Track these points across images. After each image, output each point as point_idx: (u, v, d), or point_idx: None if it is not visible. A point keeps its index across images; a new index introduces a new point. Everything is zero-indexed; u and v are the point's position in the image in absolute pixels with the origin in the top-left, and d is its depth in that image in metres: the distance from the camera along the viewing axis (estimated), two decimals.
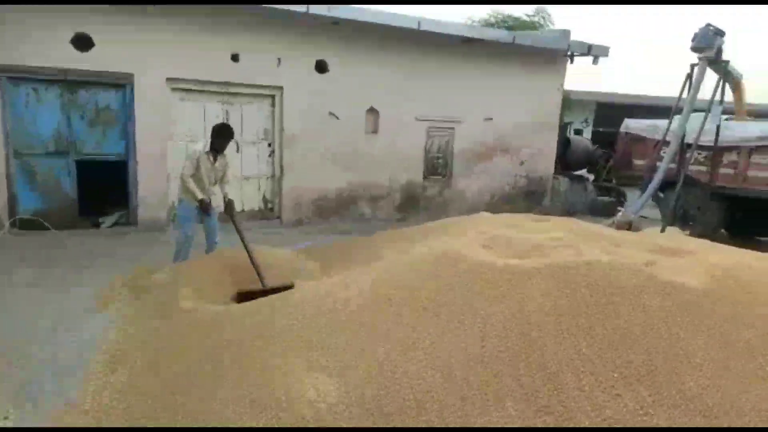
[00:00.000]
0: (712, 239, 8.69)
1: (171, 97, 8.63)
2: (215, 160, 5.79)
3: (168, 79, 8.49)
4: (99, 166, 8.30)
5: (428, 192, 10.86)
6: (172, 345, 3.78)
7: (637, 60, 44.16)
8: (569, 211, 12.55)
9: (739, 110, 9.67)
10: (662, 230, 8.65)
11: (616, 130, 15.36)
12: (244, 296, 4.69)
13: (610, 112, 16.79)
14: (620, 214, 9.32)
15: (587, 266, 3.24)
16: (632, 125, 10.90)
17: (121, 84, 8.25)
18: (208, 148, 5.74)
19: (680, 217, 9.72)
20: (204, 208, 5.68)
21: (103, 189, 8.74)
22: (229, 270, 5.44)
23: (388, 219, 10.44)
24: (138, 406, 3.22)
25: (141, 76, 8.23)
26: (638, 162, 10.78)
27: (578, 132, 14.41)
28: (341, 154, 9.86)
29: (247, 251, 5.15)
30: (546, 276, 3.21)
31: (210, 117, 8.96)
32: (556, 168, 12.55)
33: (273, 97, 9.35)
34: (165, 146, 8.63)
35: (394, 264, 3.98)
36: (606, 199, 13.13)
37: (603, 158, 14.08)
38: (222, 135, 5.73)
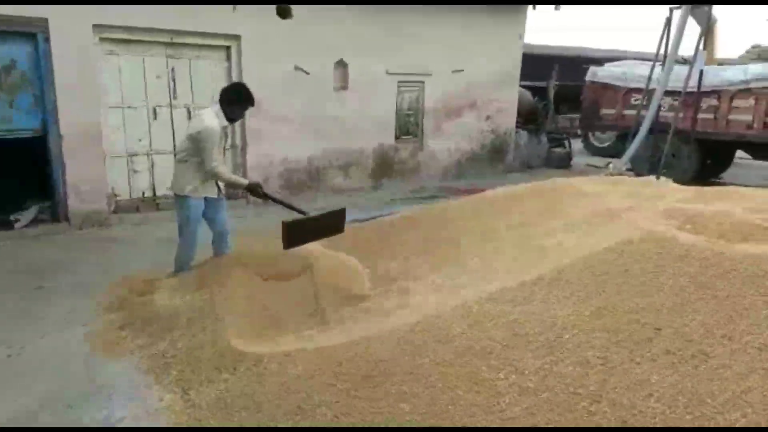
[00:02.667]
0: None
1: (99, 49, 6.64)
2: (225, 129, 4.33)
3: (95, 27, 6.48)
4: (7, 146, 6.18)
5: (401, 155, 9.80)
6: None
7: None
8: (528, 166, 12.23)
9: (711, 56, 9.69)
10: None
11: (565, 82, 15.30)
12: (292, 230, 3.87)
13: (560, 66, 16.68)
14: (611, 165, 9.05)
15: None
16: (600, 74, 10.63)
17: (32, 33, 6.13)
18: (224, 121, 4.23)
19: (653, 165, 9.67)
20: (259, 193, 4.28)
21: (13, 176, 6.62)
22: (262, 267, 4.12)
23: (360, 188, 9.27)
24: None
25: (58, 22, 6.17)
26: (607, 111, 10.60)
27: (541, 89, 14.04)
28: (310, 117, 8.43)
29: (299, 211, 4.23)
30: None
31: (151, 75, 7.11)
32: None
33: (228, 48, 7.62)
34: (97, 115, 6.67)
35: (572, 268, 2.97)
36: (560, 150, 12.97)
37: (545, 110, 13.89)
38: (245, 99, 4.23)
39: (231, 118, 4.26)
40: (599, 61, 12.38)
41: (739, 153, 10.55)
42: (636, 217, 3.43)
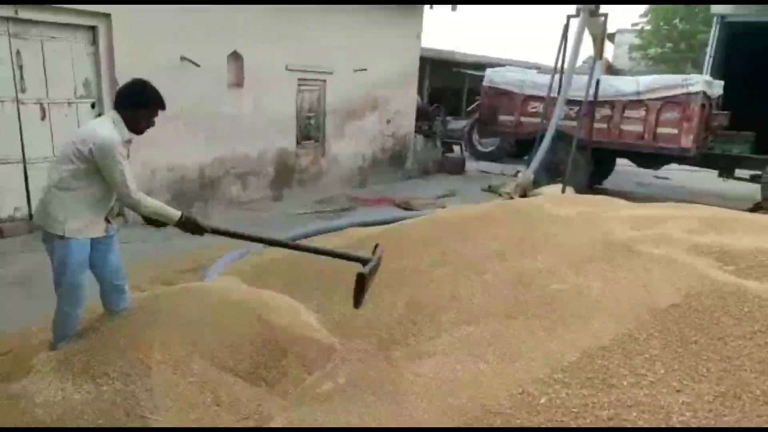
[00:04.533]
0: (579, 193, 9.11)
1: None
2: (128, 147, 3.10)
3: None
4: None
5: (302, 161, 8.80)
6: None
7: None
8: (424, 171, 11.90)
9: (600, 59, 10.01)
10: (563, 191, 8.56)
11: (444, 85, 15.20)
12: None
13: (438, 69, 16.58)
14: (521, 174, 8.95)
15: None
16: (497, 79, 10.56)
17: None
18: (125, 133, 2.98)
19: (551, 174, 9.81)
20: (198, 228, 3.06)
21: None
22: (192, 325, 3.05)
23: (260, 199, 8.14)
24: None
25: None
26: (505, 117, 10.57)
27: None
28: (200, 118, 7.11)
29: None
30: None
31: None
32: None
33: (94, 29, 6.05)
34: None
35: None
36: (454, 155, 12.84)
37: (434, 113, 13.72)
38: (150, 102, 3.02)
39: (135, 128, 3.05)
40: (468, 66, 12.35)
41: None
42: (667, 254, 2.98)
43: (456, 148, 13.64)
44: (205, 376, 2.78)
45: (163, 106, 3.10)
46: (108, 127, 2.94)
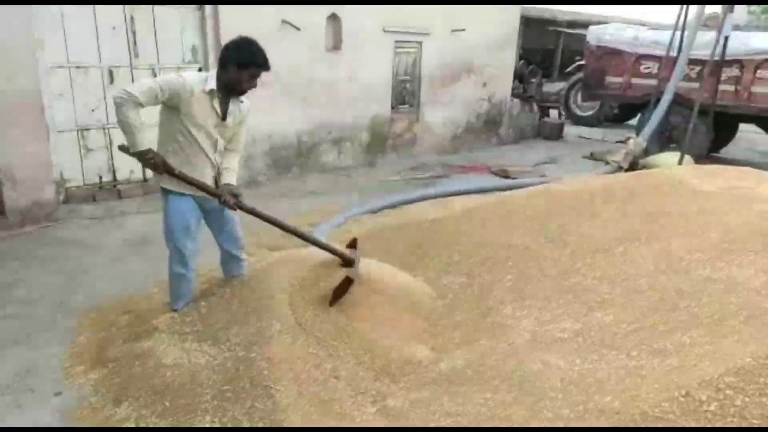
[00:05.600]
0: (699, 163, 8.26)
1: None
2: (225, 107, 2.98)
3: None
4: None
5: (396, 127, 8.63)
6: None
7: None
8: (521, 137, 11.34)
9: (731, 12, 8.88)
10: (680, 162, 7.81)
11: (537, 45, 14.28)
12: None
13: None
14: (632, 141, 8.25)
15: None
16: (606, 37, 9.73)
17: None
18: (214, 84, 2.88)
19: (664, 141, 8.98)
20: (150, 163, 2.86)
21: None
22: (311, 291, 2.98)
23: (354, 166, 8.09)
24: None
25: None
26: (613, 79, 9.78)
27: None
28: (297, 84, 7.08)
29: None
30: None
31: (104, 27, 5.55)
32: None
33: None
34: (34, 79, 5.11)
35: None
36: (553, 120, 12.15)
37: (530, 76, 12.97)
38: (246, 60, 2.85)
39: (227, 85, 2.87)
40: (563, 24, 11.31)
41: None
42: None
43: (553, 112, 12.91)
44: (323, 348, 2.73)
45: (263, 66, 2.91)
46: (193, 74, 2.97)
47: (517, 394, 2.29)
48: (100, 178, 5.88)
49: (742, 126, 10.10)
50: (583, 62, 12.41)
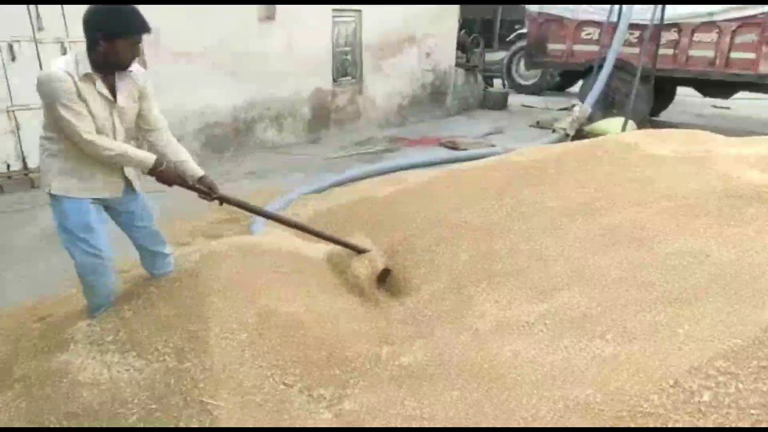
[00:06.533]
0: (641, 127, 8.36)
1: None
2: (112, 87, 2.45)
3: None
4: None
5: (339, 100, 8.23)
6: None
7: None
8: (465, 108, 11.17)
9: None
10: (624, 127, 7.83)
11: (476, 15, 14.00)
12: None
13: None
14: (577, 108, 8.21)
15: None
16: (547, 5, 9.60)
17: None
18: (88, 67, 2.32)
19: (607, 107, 9.01)
20: (165, 178, 2.56)
21: None
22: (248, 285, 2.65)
23: (297, 143, 7.67)
24: None
25: None
26: (555, 46, 9.69)
27: None
28: (230, 57, 6.55)
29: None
30: None
31: None
32: None
33: None
34: None
35: None
36: (496, 90, 12.02)
37: (474, 43, 12.77)
38: (123, 31, 2.30)
39: (104, 63, 2.33)
40: None
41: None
42: None
43: (496, 82, 12.80)
44: (270, 350, 2.42)
45: (144, 29, 2.35)
46: (61, 62, 2.30)
47: (488, 391, 2.07)
48: (8, 166, 5.23)
49: (679, 90, 10.31)
50: (524, 31, 12.34)
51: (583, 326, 2.26)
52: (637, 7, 8.09)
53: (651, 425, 1.61)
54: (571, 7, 9.34)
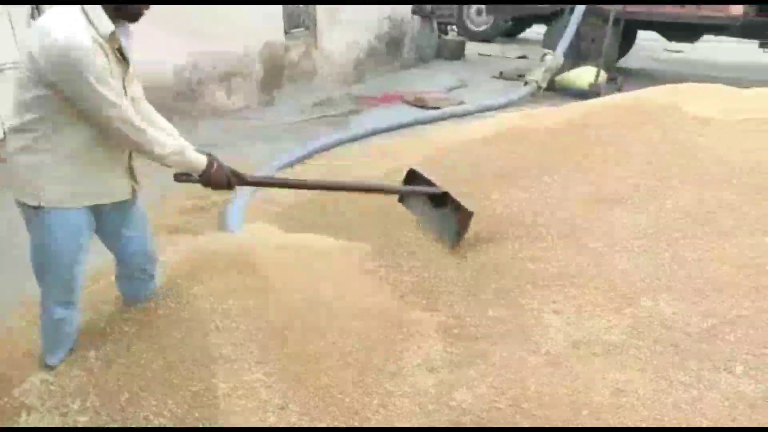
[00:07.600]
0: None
1: None
2: (120, 50, 1.83)
3: None
4: None
5: (292, 54, 7.36)
6: None
7: None
8: (422, 59, 10.49)
9: None
10: (596, 77, 7.46)
11: None
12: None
13: None
14: (549, 57, 7.75)
15: None
16: None
17: None
18: (107, 24, 1.72)
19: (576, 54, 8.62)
20: (217, 180, 2.05)
21: None
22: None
23: (251, 105, 6.81)
24: None
25: None
26: None
27: None
28: (168, 9, 5.51)
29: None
30: None
31: None
32: None
33: None
34: None
35: None
36: (452, 38, 11.35)
37: None
38: None
39: (118, 16, 1.76)
40: None
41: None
42: None
43: (451, 30, 12.14)
44: (301, 407, 1.86)
45: None
46: (68, 24, 1.65)
47: None
48: None
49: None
50: None
51: (694, 350, 1.85)
52: None
53: None
54: None
